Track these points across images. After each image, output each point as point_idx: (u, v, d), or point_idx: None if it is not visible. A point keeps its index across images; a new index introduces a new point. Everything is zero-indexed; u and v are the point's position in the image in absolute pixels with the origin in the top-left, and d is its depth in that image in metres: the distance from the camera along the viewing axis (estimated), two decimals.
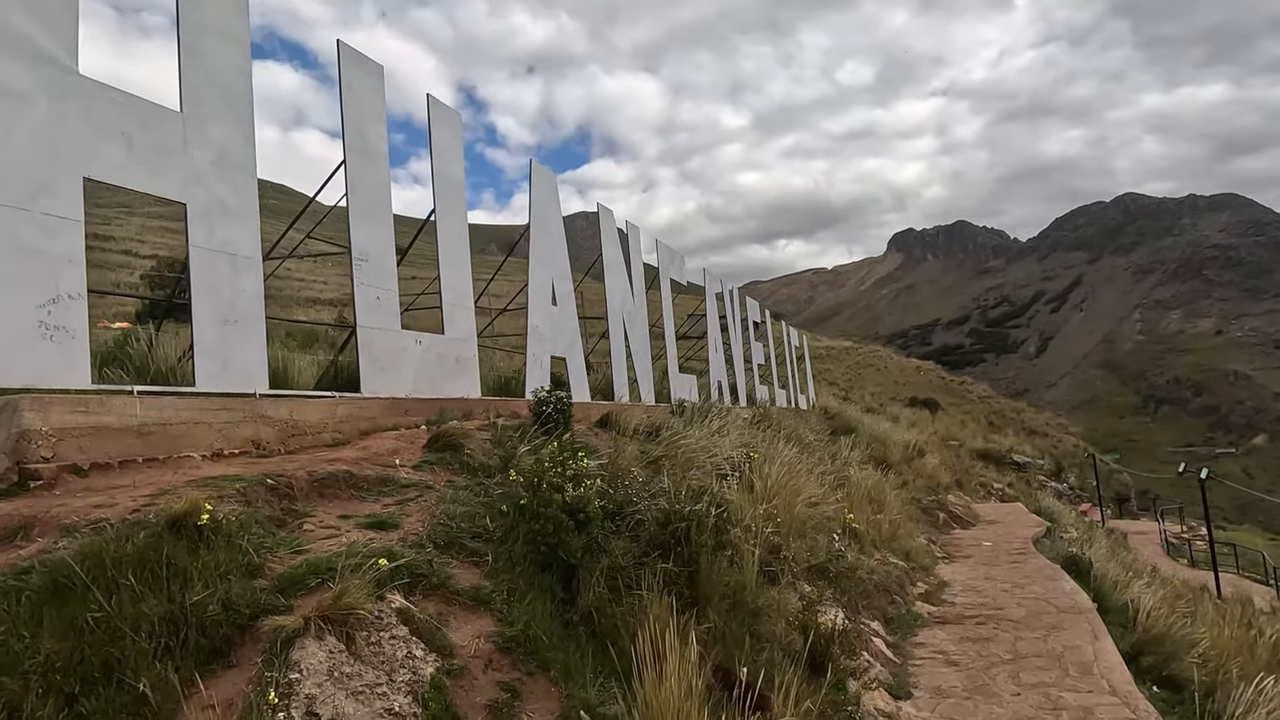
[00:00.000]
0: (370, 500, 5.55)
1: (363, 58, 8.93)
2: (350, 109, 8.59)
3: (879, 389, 56.86)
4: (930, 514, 19.05)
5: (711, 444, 9.56)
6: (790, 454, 12.60)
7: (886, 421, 37.49)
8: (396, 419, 8.15)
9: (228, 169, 6.97)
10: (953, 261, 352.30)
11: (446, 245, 10.07)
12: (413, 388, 9.05)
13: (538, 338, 12.03)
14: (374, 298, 8.62)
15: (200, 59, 6.83)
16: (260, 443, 6.41)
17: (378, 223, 8.83)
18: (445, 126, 10.37)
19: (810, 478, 11.49)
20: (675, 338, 18.76)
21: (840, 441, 19.79)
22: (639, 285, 16.66)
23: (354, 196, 8.52)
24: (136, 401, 5.53)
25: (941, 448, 33.54)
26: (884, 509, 12.97)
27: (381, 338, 8.65)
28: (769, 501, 7.20)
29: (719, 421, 11.50)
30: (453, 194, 10.33)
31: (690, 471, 8.40)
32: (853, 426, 26.18)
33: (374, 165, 8.89)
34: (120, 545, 3.60)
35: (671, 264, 19.23)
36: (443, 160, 10.16)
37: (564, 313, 13.08)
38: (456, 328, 10.08)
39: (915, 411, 48.99)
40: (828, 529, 9.59)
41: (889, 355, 75.61)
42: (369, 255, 8.61)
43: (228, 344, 6.73)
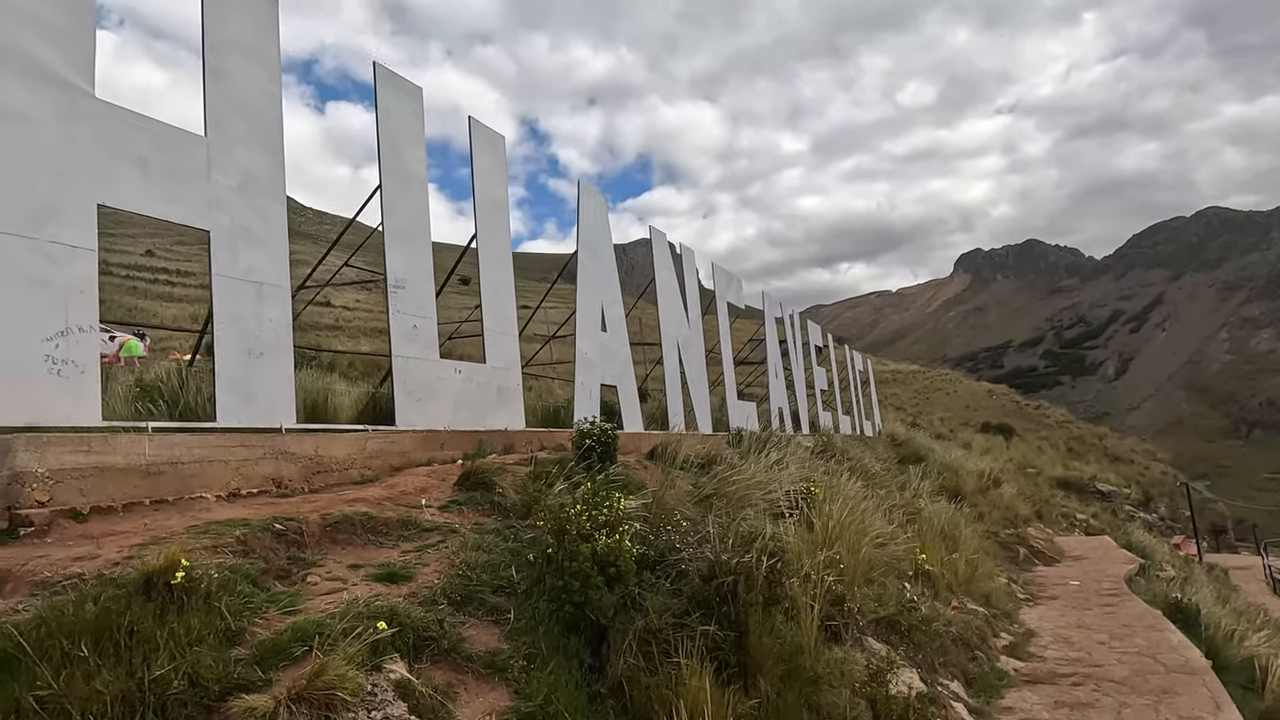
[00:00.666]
0: (388, 546, 5.08)
1: (400, 80, 8.66)
2: (387, 131, 8.30)
3: (948, 414, 54.79)
4: (1009, 549, 17.85)
5: (768, 478, 8.89)
6: (855, 488, 11.82)
7: (958, 448, 35.91)
8: (431, 453, 7.72)
9: (254, 194, 6.70)
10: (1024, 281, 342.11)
11: (489, 270, 9.69)
12: (452, 419, 8.63)
13: (586, 365, 11.55)
14: (410, 325, 8.26)
15: (225, 80, 6.59)
16: (282, 481, 6.02)
17: (415, 248, 8.49)
18: (487, 148, 10.05)
19: (877, 514, 10.68)
20: (733, 363, 18.10)
21: (909, 471, 18.75)
22: (694, 310, 16.10)
23: (390, 221, 8.20)
24: (145, 440, 5.20)
25: (1018, 476, 31.90)
26: (959, 546, 12.02)
27: (418, 368, 8.26)
28: (831, 546, 6.50)
29: (777, 453, 10.80)
30: (495, 217, 9.97)
31: (743, 511, 7.76)
32: (922, 454, 24.99)
33: (412, 189, 8.58)
34: (80, 609, 3.16)
35: (729, 287, 18.63)
36: (485, 182, 9.82)
37: (615, 339, 12.59)
38: (499, 356, 9.67)
39: (988, 437, 46.96)
40: (898, 571, 8.79)
41: (958, 379, 72.97)
42: (405, 281, 8.26)
43: (252, 376, 6.40)
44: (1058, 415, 63.06)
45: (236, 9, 6.78)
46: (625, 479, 8.10)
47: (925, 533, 11.06)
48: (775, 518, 7.87)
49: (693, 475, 9.71)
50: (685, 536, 5.10)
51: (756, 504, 8.18)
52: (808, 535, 7.12)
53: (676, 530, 5.08)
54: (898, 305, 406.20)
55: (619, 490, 7.24)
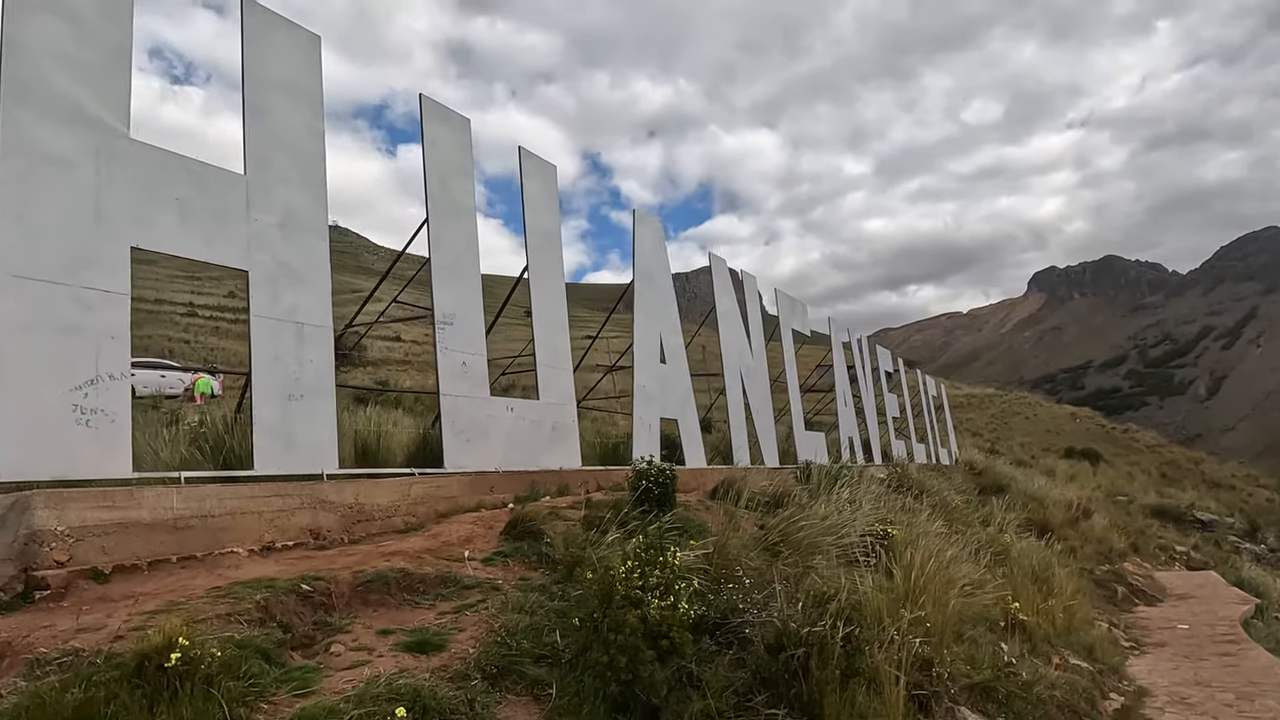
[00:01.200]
0: (424, 607, 4.67)
1: (447, 111, 8.46)
2: (433, 163, 8.08)
3: (1029, 439, 52.36)
4: (1106, 588, 16.57)
5: (840, 520, 8.24)
6: (936, 527, 11.04)
7: (1041, 476, 34.13)
8: (480, 497, 7.35)
9: (296, 232, 6.50)
10: (1103, 299, 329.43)
11: (541, 303, 9.36)
12: (503, 459, 8.27)
13: (645, 398, 11.10)
14: (459, 363, 7.96)
15: (266, 118, 6.42)
16: (319, 531, 5.71)
17: (464, 282, 8.22)
18: (538, 177, 9.77)
19: (963, 556, 9.89)
20: (800, 391, 17.42)
21: (992, 503, 17.66)
22: (757, 337, 15.53)
23: (437, 255, 7.95)
24: (173, 492, 4.93)
25: (1109, 505, 30.06)
26: (1054, 589, 11.06)
27: (468, 406, 7.94)
28: (916, 600, 5.85)
29: (849, 489, 10.12)
30: (547, 247, 9.66)
31: (814, 559, 7.16)
32: (1004, 484, 23.69)
33: (460, 222, 8.32)
34: (61, 698, 2.82)
35: (793, 313, 18.00)
36: (536, 212, 9.53)
37: (674, 370, 12.12)
38: (553, 392, 9.30)
39: (1073, 463, 44.72)
40: (988, 622, 8.01)
41: (1038, 402, 69.85)
42: (454, 317, 7.98)
43: (292, 421, 6.14)
44: (1148, 438, 59.68)
45: (278, 47, 6.64)
46: (686, 523, 7.60)
47: (1016, 575, 10.19)
48: (849, 564, 7.24)
49: (758, 515, 9.14)
50: (749, 595, 4.56)
51: (828, 550, 7.57)
52: (887, 586, 6.47)
53: (739, 587, 4.54)
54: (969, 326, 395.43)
55: (679, 536, 6.75)
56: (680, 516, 7.72)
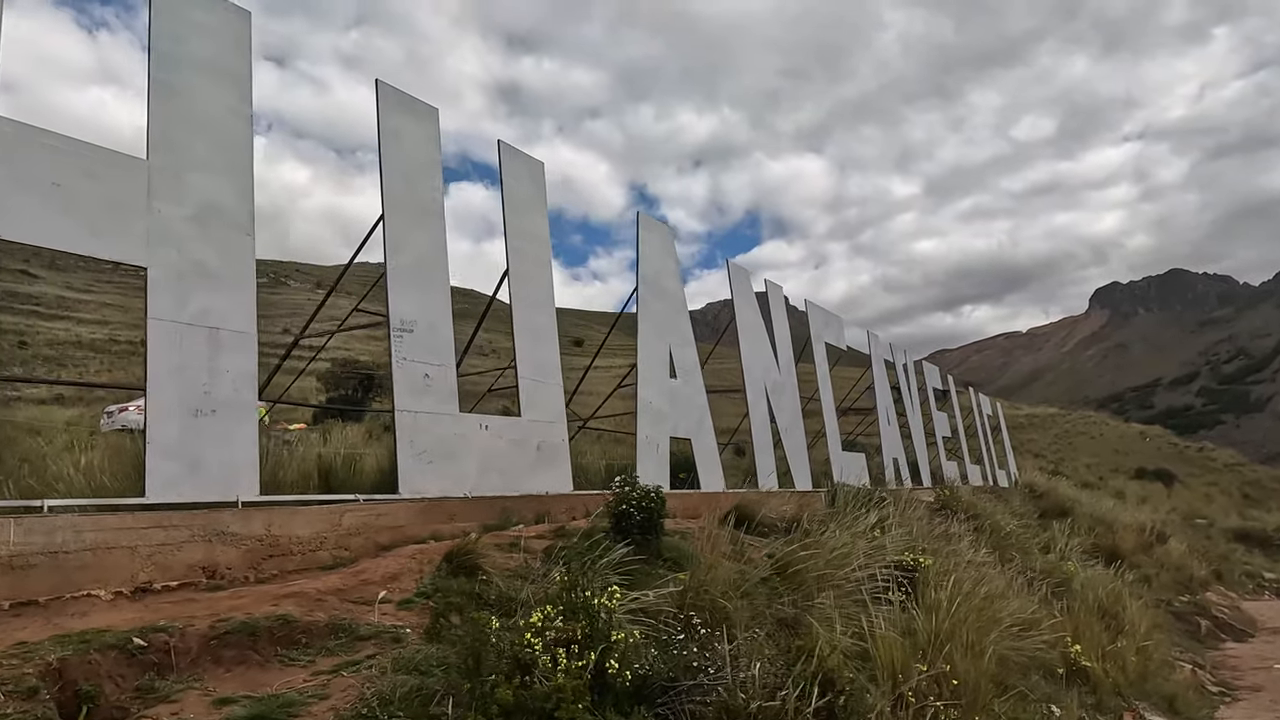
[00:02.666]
0: (299, 664, 3.72)
1: (411, 100, 7.68)
2: (394, 158, 7.28)
3: (1095, 460, 49.54)
4: (1187, 621, 14.87)
5: (862, 546, 7.09)
6: (982, 556, 9.75)
7: (1109, 498, 31.93)
8: (436, 526, 6.40)
9: (214, 226, 5.71)
10: (1170, 314, 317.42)
11: (524, 312, 8.46)
12: (476, 483, 7.33)
13: (652, 416, 10.09)
14: (421, 375, 7.08)
15: (178, 98, 5.67)
16: (216, 569, 4.82)
17: (428, 288, 7.36)
18: (523, 176, 8.93)
19: (1012, 588, 8.59)
20: (835, 411, 16.18)
21: (1053, 528, 16.10)
22: (785, 352, 14.41)
23: (396, 258, 7.11)
24: (10, 524, 4.09)
25: (1186, 529, 27.83)
26: (1125, 626, 9.63)
27: (431, 424, 7.04)
28: (940, 648, 4.71)
29: (877, 513, 8.93)
30: (532, 252, 8.78)
31: (821, 595, 6.03)
32: (1067, 507, 21.91)
33: (425, 222, 7.50)
34: None
35: (826, 328, 16.81)
36: (518, 212, 8.67)
37: (688, 386, 11.09)
38: (539, 408, 8.36)
39: (1145, 485, 42.02)
40: (1044, 668, 6.74)
41: (1103, 421, 66.37)
42: (415, 325, 7.11)
43: (198, 441, 5.30)
44: (1226, 457, 56.06)
45: (197, 21, 5.92)
46: (675, 553, 6.56)
47: (1078, 610, 8.83)
48: (866, 602, 6.09)
49: (772, 544, 8.03)
50: (707, 647, 3.51)
51: (841, 584, 6.43)
52: (909, 629, 5.32)
53: (694, 638, 3.50)
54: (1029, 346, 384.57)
55: (656, 569, 5.72)
56: (670, 545, 6.69)
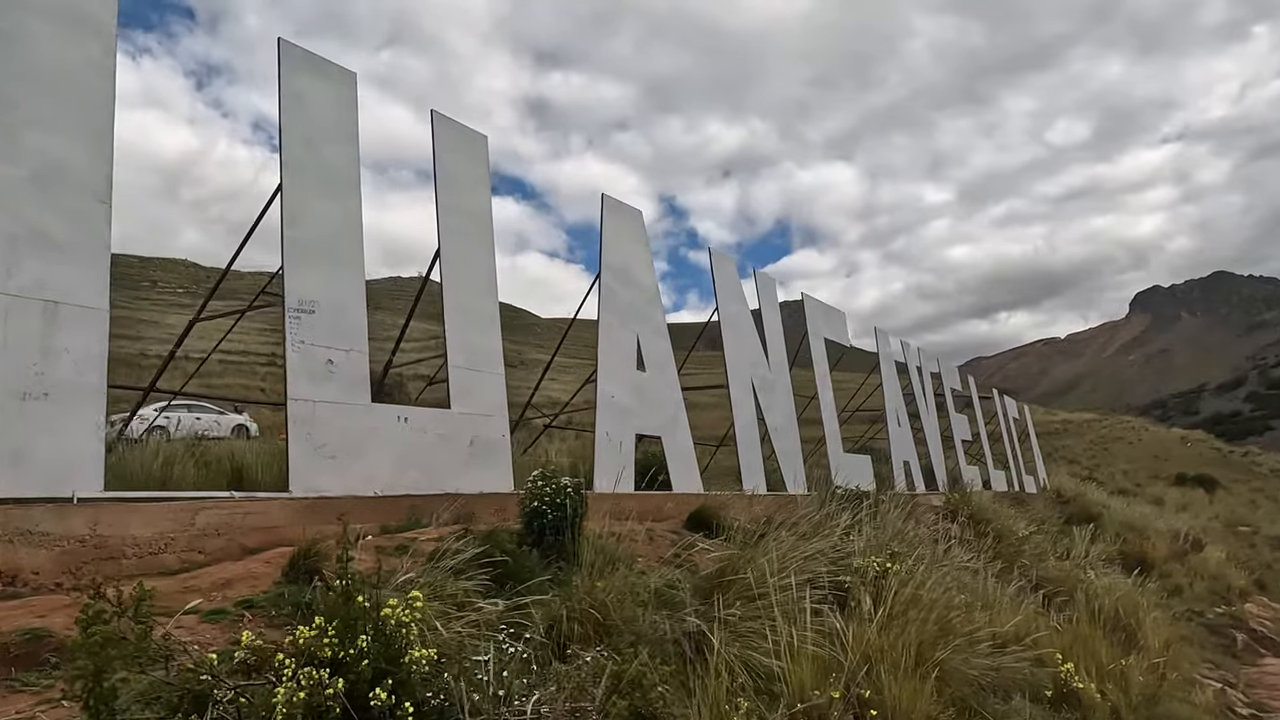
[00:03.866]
0: (29, 690, 3.01)
1: (323, 62, 7.03)
2: (296, 122, 6.62)
3: (1132, 466, 47.55)
4: (1221, 635, 13.68)
5: (819, 550, 6.24)
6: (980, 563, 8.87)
7: (1145, 505, 30.41)
8: (322, 527, 5.65)
9: (57, 190, 5.07)
10: (1214, 318, 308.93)
11: (457, 294, 7.74)
12: (391, 481, 6.62)
13: (614, 411, 9.31)
14: (323, 361, 6.38)
15: (13, 46, 5.07)
16: (18, 574, 4.13)
17: (336, 266, 6.68)
18: (460, 149, 8.23)
19: (1004, 597, 7.67)
20: (836, 411, 15.23)
21: (1073, 533, 14.99)
22: (777, 346, 13.55)
23: (295, 230, 6.44)
24: None
25: (1227, 536, 26.30)
26: (1139, 638, 8.62)
27: (333, 415, 6.34)
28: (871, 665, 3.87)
29: (852, 516, 8.06)
30: (469, 230, 8.07)
31: (757, 604, 5.20)
32: (1095, 512, 20.65)
33: (335, 194, 6.82)
34: None
35: (827, 323, 15.89)
36: (453, 189, 7.97)
37: (660, 380, 10.30)
38: (473, 400, 7.63)
39: (1185, 491, 40.17)
40: (1031, 689, 5.81)
41: (1142, 426, 63.91)
42: (317, 305, 6.42)
43: (24, 427, 4.64)
44: (1272, 462, 53.57)
45: None
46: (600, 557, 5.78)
47: (1082, 622, 7.85)
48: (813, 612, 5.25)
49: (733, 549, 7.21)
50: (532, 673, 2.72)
51: (786, 591, 5.58)
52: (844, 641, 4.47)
53: (466, 677, 2.72)
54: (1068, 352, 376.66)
55: (576, 575, 4.95)
56: (595, 549, 5.91)
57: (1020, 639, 6.63)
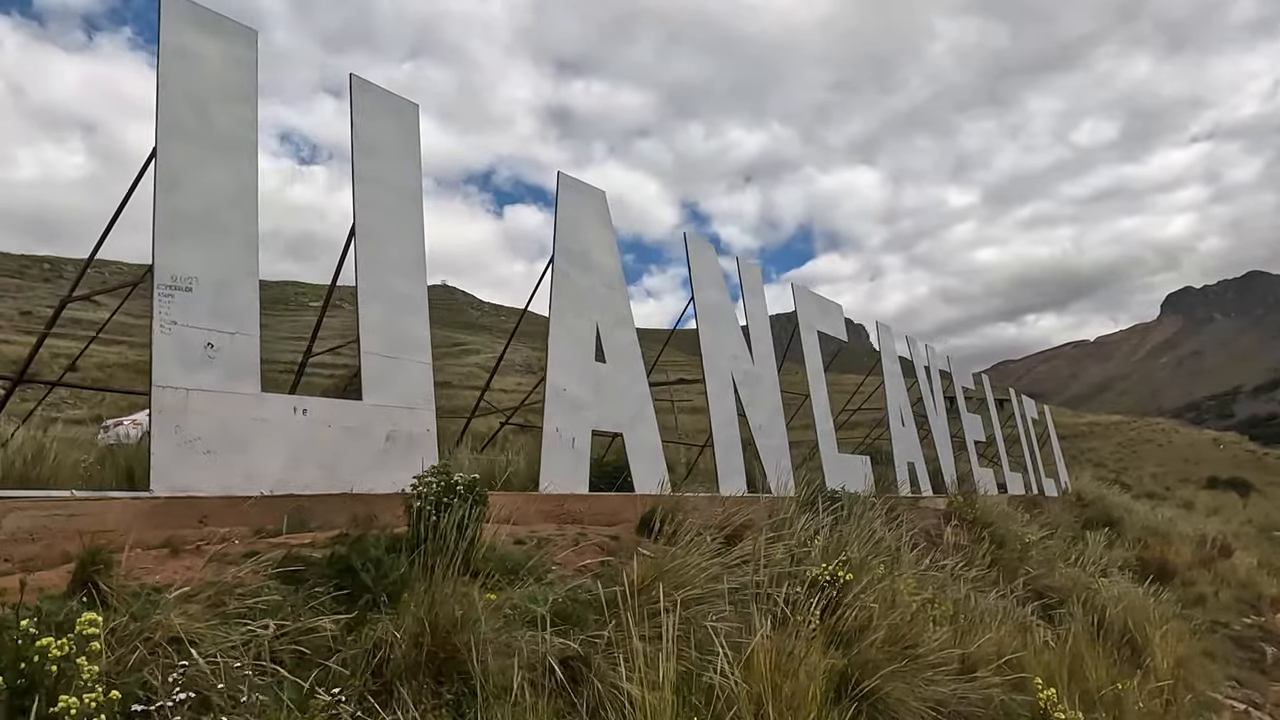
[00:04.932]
0: None
1: (216, 18, 6.34)
2: (175, 77, 5.92)
3: (1161, 469, 45.93)
4: (1249, 649, 12.61)
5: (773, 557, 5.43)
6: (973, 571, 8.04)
7: (1174, 508, 29.11)
8: (176, 531, 4.92)
9: None
10: (1248, 319, 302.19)
11: (376, 274, 7.01)
12: (283, 479, 5.88)
13: (566, 405, 8.54)
14: (200, 344, 5.66)
15: None
16: None
17: (222, 237, 5.97)
18: (381, 115, 7.51)
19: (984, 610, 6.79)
20: (829, 409, 14.33)
21: (1086, 538, 13.99)
22: (763, 338, 12.72)
23: (171, 197, 5.73)
24: None
25: (1260, 542, 24.99)
26: (1146, 657, 7.68)
27: (212, 405, 5.61)
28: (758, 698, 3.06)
29: (824, 519, 7.25)
30: (391, 204, 7.34)
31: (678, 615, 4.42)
32: (1115, 516, 19.55)
33: (224, 158, 6.11)
34: None
35: (819, 314, 14.98)
36: (372, 157, 7.24)
37: (622, 373, 9.50)
38: (391, 391, 6.88)
39: (1217, 495, 38.67)
40: (999, 718, 4.95)
41: (1173, 428, 61.95)
42: (195, 281, 5.71)
43: None
44: None
45: None
46: (502, 565, 5.05)
47: (1077, 636, 6.92)
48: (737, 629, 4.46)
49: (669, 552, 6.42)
50: None
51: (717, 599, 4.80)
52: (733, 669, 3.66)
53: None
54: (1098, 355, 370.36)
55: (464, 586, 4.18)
56: (498, 557, 5.17)
57: (1001, 658, 5.76)
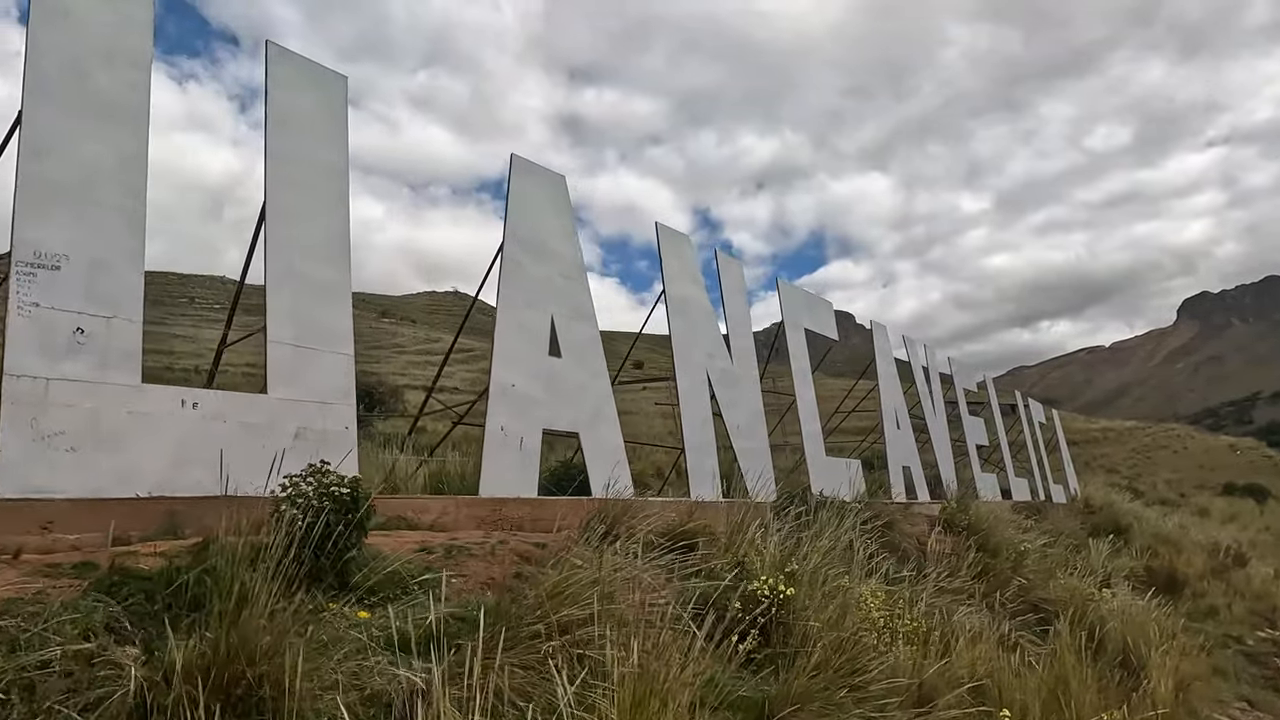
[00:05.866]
0: None
1: None
2: (48, 37, 5.37)
3: (1176, 475, 44.81)
4: (1262, 663, 11.83)
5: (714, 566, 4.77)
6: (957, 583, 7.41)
7: (1188, 515, 28.20)
8: (12, 538, 4.32)
9: None
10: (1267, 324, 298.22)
11: (287, 256, 6.41)
12: (167, 480, 5.28)
13: (513, 403, 7.92)
14: (68, 329, 5.07)
15: None
16: None
17: (102, 210, 5.39)
18: (301, 85, 6.93)
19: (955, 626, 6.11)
20: (816, 410, 13.63)
21: (1090, 547, 13.24)
22: (743, 337, 12.07)
23: (41, 164, 5.16)
24: None
25: (1278, 551, 24.03)
26: (1143, 679, 6.95)
27: (80, 396, 5.02)
28: None
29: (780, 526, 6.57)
30: (313, 184, 6.75)
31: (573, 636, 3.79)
32: (1124, 524, 18.73)
33: (105, 122, 5.53)
34: None
35: (807, 312, 14.30)
36: (291, 130, 6.66)
37: (579, 369, 8.88)
38: (302, 384, 6.27)
39: (1233, 501, 37.58)
40: None
41: (1188, 434, 60.63)
42: (65, 259, 5.13)
43: None
44: None
45: None
46: (389, 579, 4.43)
47: (1063, 656, 6.20)
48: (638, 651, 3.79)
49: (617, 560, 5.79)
50: None
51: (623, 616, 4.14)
52: None
53: None
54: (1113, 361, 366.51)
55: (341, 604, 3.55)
56: (388, 569, 4.54)
57: (974, 681, 5.08)
